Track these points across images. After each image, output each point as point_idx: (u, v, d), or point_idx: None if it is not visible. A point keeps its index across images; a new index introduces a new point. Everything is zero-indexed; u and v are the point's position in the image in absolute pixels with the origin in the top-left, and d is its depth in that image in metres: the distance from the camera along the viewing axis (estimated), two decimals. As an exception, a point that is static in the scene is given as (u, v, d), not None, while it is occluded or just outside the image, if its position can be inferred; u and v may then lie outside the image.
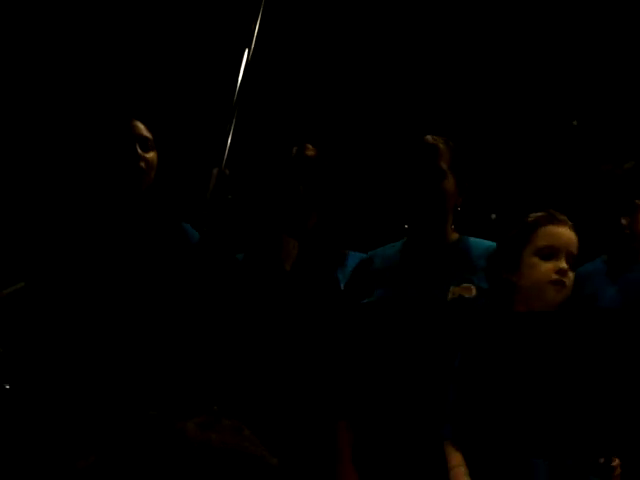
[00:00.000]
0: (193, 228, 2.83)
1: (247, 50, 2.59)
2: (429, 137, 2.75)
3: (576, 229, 2.56)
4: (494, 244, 2.74)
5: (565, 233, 2.52)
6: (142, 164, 2.77)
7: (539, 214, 2.57)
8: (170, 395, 2.52)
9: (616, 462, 2.37)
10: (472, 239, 2.80)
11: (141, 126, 2.82)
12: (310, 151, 2.87)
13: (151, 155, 2.80)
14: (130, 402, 2.53)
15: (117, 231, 2.78)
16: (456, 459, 2.43)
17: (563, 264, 2.46)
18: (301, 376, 2.77)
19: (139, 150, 2.77)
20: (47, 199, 3.53)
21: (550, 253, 2.49)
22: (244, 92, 2.57)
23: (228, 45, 3.04)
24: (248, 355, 2.82)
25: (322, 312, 2.83)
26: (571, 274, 2.47)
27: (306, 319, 2.82)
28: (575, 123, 4.36)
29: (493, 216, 3.22)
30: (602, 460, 2.34)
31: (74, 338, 2.68)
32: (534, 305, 2.47)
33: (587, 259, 3.14)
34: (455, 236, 2.79)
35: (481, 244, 2.77)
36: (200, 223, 2.79)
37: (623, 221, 3.08)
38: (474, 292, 2.64)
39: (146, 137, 2.80)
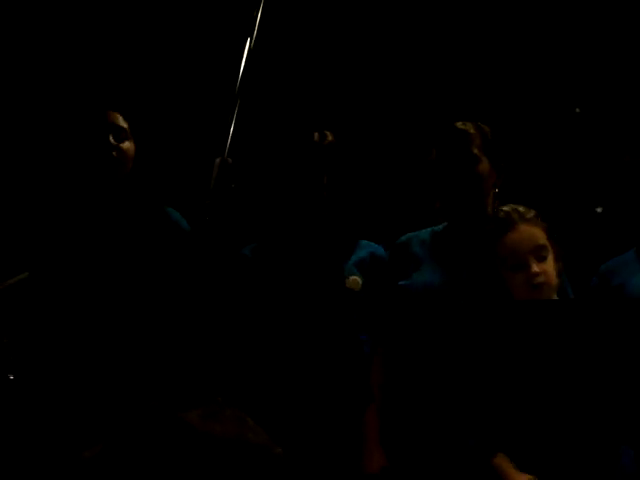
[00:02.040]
0: (194, 217, 2.83)
1: (249, 38, 2.58)
2: (459, 123, 2.76)
3: (541, 215, 2.52)
4: None
5: (520, 235, 2.49)
6: (114, 153, 2.78)
7: (491, 226, 2.56)
8: (174, 385, 2.52)
9: None
10: None
11: (117, 116, 2.83)
12: (330, 137, 2.87)
13: (126, 145, 2.82)
14: (134, 392, 2.53)
15: (93, 220, 2.80)
16: (502, 460, 2.42)
17: (533, 268, 2.44)
18: (317, 366, 2.77)
19: (112, 140, 2.78)
20: (29, 190, 3.54)
21: (516, 264, 2.47)
22: (246, 81, 2.56)
23: (230, 34, 3.03)
24: (254, 345, 2.82)
25: (336, 303, 2.83)
26: (545, 266, 2.45)
27: (318, 309, 2.82)
28: (578, 110, 4.35)
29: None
30: None
31: (77, 329, 2.68)
32: None
33: (618, 253, 3.11)
34: None
35: None
36: (203, 213, 2.79)
37: None
38: None
39: (121, 127, 2.82)
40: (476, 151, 2.71)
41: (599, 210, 3.88)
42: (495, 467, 2.42)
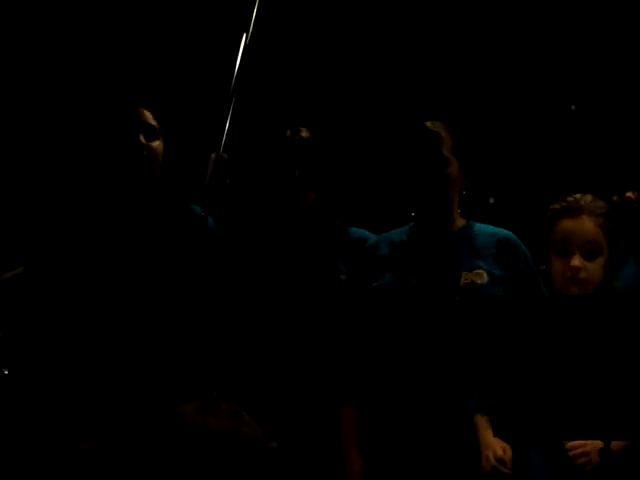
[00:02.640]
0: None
1: (245, 34, 2.58)
2: (429, 124, 2.75)
3: (605, 213, 2.51)
4: (502, 230, 2.74)
5: (576, 226, 2.48)
6: (145, 152, 2.77)
7: (555, 205, 2.55)
8: (170, 379, 2.52)
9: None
10: (480, 225, 2.80)
11: (147, 114, 2.83)
12: (304, 133, 2.88)
13: (156, 144, 2.81)
14: (130, 386, 2.54)
15: (120, 219, 2.79)
16: (483, 421, 2.44)
17: (575, 261, 2.43)
18: (304, 360, 2.77)
19: (142, 139, 2.78)
20: (52, 188, 3.54)
21: (563, 249, 2.46)
22: (242, 77, 2.56)
23: (226, 30, 3.03)
24: (248, 340, 2.82)
25: (323, 295, 2.83)
26: (590, 265, 2.44)
27: (307, 302, 2.82)
28: (573, 108, 4.35)
29: (491, 200, 3.23)
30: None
31: (73, 323, 2.68)
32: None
33: None
34: (462, 222, 2.79)
35: (489, 230, 2.76)
36: (198, 207, 2.79)
37: (629, 194, 3.03)
38: (486, 278, 2.65)
39: (152, 125, 2.81)
40: (446, 153, 2.71)
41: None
42: (475, 424, 2.45)
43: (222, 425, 1.56)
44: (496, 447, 2.46)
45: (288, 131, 2.90)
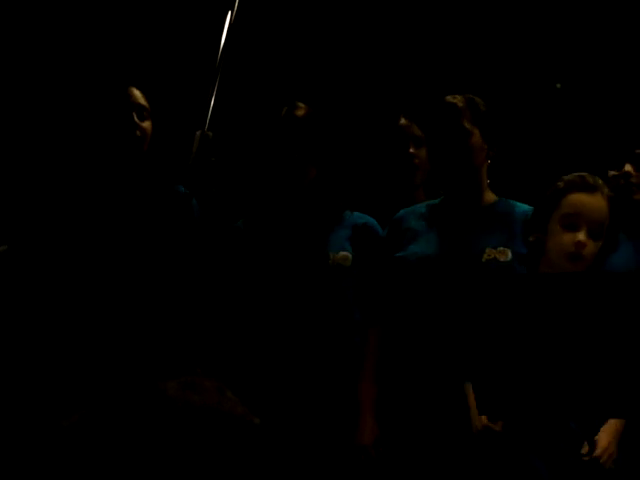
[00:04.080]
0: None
1: (230, 12, 2.58)
2: (448, 97, 2.75)
3: (611, 198, 2.49)
4: (532, 208, 2.72)
5: (591, 202, 2.45)
6: (138, 132, 2.76)
7: (571, 178, 2.52)
8: (152, 355, 2.53)
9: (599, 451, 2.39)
10: (511, 202, 2.78)
11: (138, 94, 2.80)
12: (301, 110, 2.86)
13: (147, 124, 2.80)
14: (112, 362, 2.54)
15: (108, 198, 2.78)
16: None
17: (582, 236, 2.40)
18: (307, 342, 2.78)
19: (136, 119, 2.77)
20: (40, 167, 3.53)
21: (571, 223, 2.43)
22: (227, 54, 2.55)
23: (211, 7, 3.02)
24: (240, 320, 2.82)
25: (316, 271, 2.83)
26: (592, 244, 2.41)
27: (303, 279, 2.82)
28: (559, 86, 4.35)
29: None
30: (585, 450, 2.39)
31: (56, 301, 2.68)
32: (554, 271, 2.44)
33: None
34: (492, 197, 2.78)
35: (520, 208, 2.74)
36: (184, 186, 2.79)
37: (628, 167, 3.03)
38: (509, 256, 2.64)
39: (143, 106, 2.79)
40: (467, 124, 2.70)
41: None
42: (466, 391, 2.46)
43: (205, 401, 1.57)
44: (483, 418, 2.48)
45: (285, 108, 2.88)
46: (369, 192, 3.24)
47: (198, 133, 2.54)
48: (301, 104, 2.85)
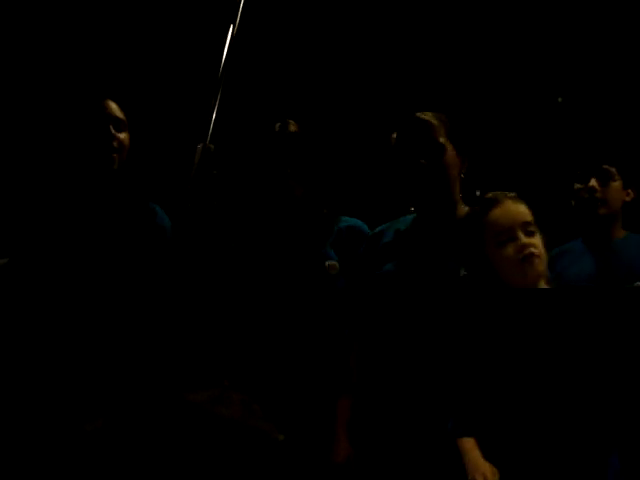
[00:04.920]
0: (177, 205, 2.83)
1: (232, 25, 2.58)
2: (419, 114, 2.75)
3: (522, 197, 2.52)
4: None
5: (507, 210, 2.47)
6: (115, 144, 2.77)
7: (478, 206, 2.55)
8: (182, 367, 2.53)
9: None
10: None
11: (114, 106, 2.81)
12: (292, 126, 2.87)
13: (123, 136, 2.80)
14: (136, 375, 2.54)
15: (88, 211, 2.78)
16: (469, 443, 2.43)
17: (521, 239, 2.42)
18: (304, 353, 2.78)
19: (112, 130, 2.77)
20: (21, 179, 3.53)
21: (505, 238, 2.44)
22: (229, 67, 2.55)
23: (213, 20, 3.03)
24: (255, 330, 2.82)
25: (317, 289, 2.83)
26: (534, 240, 2.42)
27: (304, 297, 2.82)
28: (560, 100, 4.36)
29: (477, 193, 3.24)
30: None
31: (66, 314, 2.68)
32: (519, 283, 2.45)
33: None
34: (465, 210, 2.79)
35: None
36: (185, 199, 2.79)
37: (593, 182, 3.09)
38: None
39: (119, 117, 2.80)
40: (442, 140, 2.72)
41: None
42: (460, 448, 2.44)
43: (232, 415, 1.58)
44: (485, 469, 2.45)
45: (277, 124, 2.90)
46: (364, 201, 3.25)
47: (200, 146, 2.53)
48: (292, 121, 2.87)
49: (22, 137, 3.85)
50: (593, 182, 3.07)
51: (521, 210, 2.49)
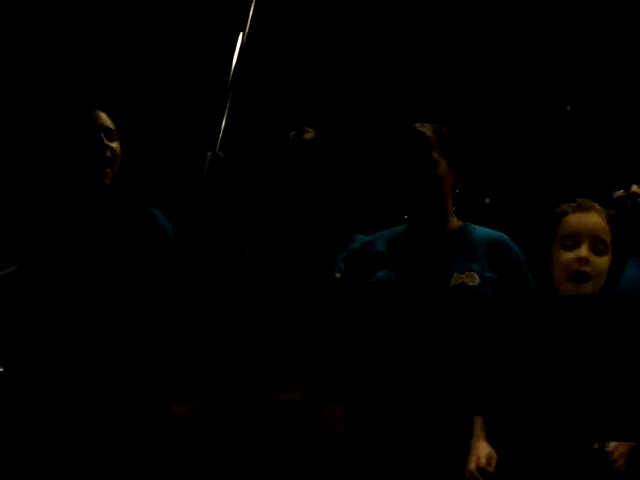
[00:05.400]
0: (186, 213, 2.83)
1: (242, 33, 2.58)
2: (417, 125, 2.76)
3: (611, 216, 2.50)
4: (496, 232, 2.74)
5: (588, 219, 2.45)
6: (108, 153, 2.78)
7: (564, 205, 2.53)
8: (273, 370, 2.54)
9: (611, 447, 2.37)
10: (475, 227, 2.80)
11: (104, 116, 2.82)
12: (309, 134, 2.87)
13: (115, 145, 2.81)
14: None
15: (89, 219, 2.79)
16: (477, 422, 2.43)
17: (583, 251, 2.39)
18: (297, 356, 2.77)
19: (105, 140, 2.78)
20: (17, 190, 3.54)
21: (572, 242, 2.42)
22: (238, 75, 2.56)
23: (223, 28, 3.03)
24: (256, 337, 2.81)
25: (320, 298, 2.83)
26: (597, 260, 2.40)
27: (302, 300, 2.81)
28: (569, 108, 4.36)
29: (487, 200, 3.23)
30: (596, 446, 2.35)
31: (66, 319, 2.68)
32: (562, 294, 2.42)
33: None
34: (457, 223, 2.79)
35: (484, 232, 2.76)
36: (193, 207, 2.79)
37: (635, 188, 3.04)
38: (477, 280, 2.65)
39: (109, 127, 2.81)
40: (435, 154, 2.72)
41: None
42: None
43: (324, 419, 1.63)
44: (481, 455, 2.45)
45: (292, 132, 2.89)
46: (375, 211, 3.25)
47: (209, 154, 2.53)
48: (308, 128, 2.87)
49: (16, 147, 3.86)
50: (635, 188, 3.03)
51: (601, 225, 2.45)
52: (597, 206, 2.50)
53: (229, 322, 2.79)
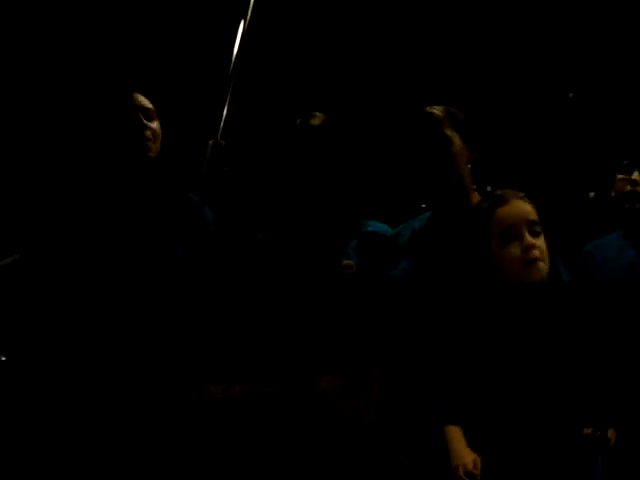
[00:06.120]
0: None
1: (243, 21, 2.58)
2: (426, 108, 2.76)
3: (530, 197, 2.52)
4: None
5: (514, 208, 2.45)
6: (148, 133, 2.80)
7: (485, 203, 2.53)
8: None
9: (610, 433, 2.38)
10: None
11: (142, 97, 2.85)
12: (317, 119, 2.86)
13: (155, 125, 2.84)
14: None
15: (120, 205, 2.80)
16: (455, 432, 2.44)
17: (527, 239, 2.39)
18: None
19: (143, 119, 2.80)
20: (54, 177, 3.54)
21: (510, 236, 2.42)
22: (240, 63, 2.55)
23: (224, 16, 3.02)
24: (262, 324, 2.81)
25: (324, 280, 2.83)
26: (539, 241, 2.41)
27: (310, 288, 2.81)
28: (571, 95, 4.35)
29: (489, 188, 3.23)
30: (597, 433, 2.35)
31: (70, 309, 2.69)
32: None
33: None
34: (479, 198, 2.79)
35: None
36: (196, 195, 2.79)
37: (636, 175, 3.05)
38: None
39: (148, 107, 2.84)
40: (447, 132, 2.72)
41: (592, 195, 3.89)
42: (445, 436, 2.45)
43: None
44: (467, 459, 2.46)
45: (299, 119, 2.89)
46: (383, 198, 3.25)
47: (211, 142, 2.54)
48: (318, 113, 2.86)
49: (53, 132, 3.87)
50: (636, 175, 3.03)
51: (528, 209, 2.47)
52: (513, 192, 2.51)
53: (267, 311, 2.81)
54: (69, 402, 2.59)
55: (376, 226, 2.92)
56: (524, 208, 2.47)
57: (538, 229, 2.44)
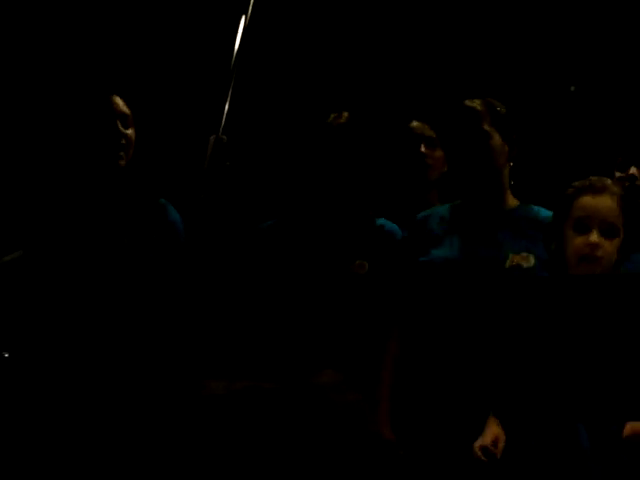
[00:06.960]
0: (190, 197, 2.82)
1: (244, 16, 2.57)
2: (467, 101, 2.75)
3: (623, 196, 2.50)
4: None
5: (599, 202, 2.45)
6: (123, 141, 2.77)
7: (578, 183, 2.52)
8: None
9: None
10: (534, 207, 2.79)
11: (120, 102, 2.81)
12: (343, 119, 2.87)
13: (130, 132, 2.80)
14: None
15: (98, 208, 2.79)
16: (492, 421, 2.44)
17: (593, 237, 2.40)
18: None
19: (120, 127, 2.77)
20: (30, 177, 3.54)
21: (583, 226, 2.43)
22: (241, 58, 2.55)
23: (225, 11, 3.02)
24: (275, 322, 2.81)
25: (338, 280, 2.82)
26: (607, 244, 2.41)
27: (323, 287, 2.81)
28: (573, 89, 4.34)
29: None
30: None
31: (70, 306, 2.69)
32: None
33: None
34: (515, 202, 2.79)
35: (543, 213, 2.74)
36: (197, 191, 2.79)
37: (633, 170, 3.04)
38: (533, 262, 2.63)
39: (125, 114, 2.80)
40: (487, 127, 2.71)
41: None
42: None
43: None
44: (487, 435, 2.46)
45: (332, 115, 2.89)
46: (384, 194, 3.24)
47: (212, 137, 2.53)
48: (344, 112, 2.87)
49: (28, 135, 3.86)
50: (633, 170, 3.03)
51: (612, 209, 2.46)
52: (610, 186, 2.50)
53: (268, 306, 2.80)
54: (70, 398, 2.59)
55: (384, 224, 2.91)
56: (607, 205, 2.46)
57: (613, 231, 2.44)
